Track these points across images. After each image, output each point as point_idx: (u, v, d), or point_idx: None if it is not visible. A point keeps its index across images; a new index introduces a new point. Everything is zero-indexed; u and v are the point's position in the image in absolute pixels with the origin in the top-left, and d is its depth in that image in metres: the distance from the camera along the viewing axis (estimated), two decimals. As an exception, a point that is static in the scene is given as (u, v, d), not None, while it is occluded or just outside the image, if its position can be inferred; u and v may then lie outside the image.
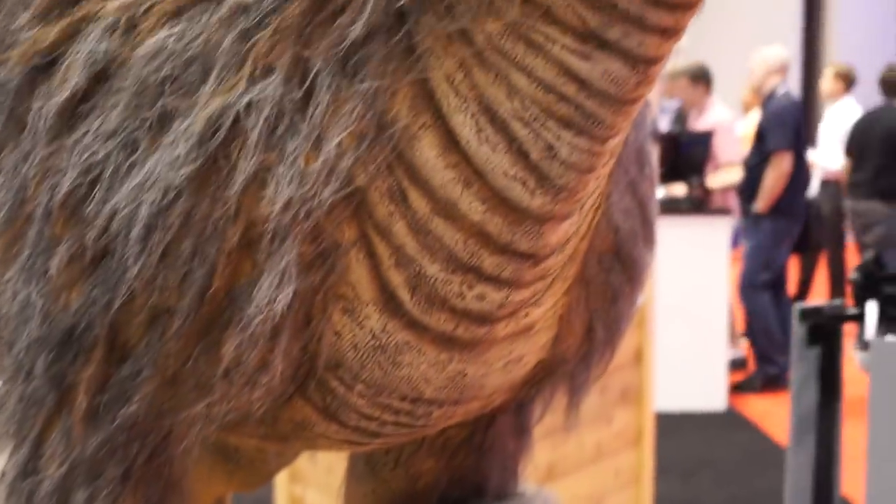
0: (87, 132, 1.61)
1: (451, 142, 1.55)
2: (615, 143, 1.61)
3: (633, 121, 1.77)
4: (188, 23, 1.60)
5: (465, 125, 1.54)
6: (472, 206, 1.58)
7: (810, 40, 14.30)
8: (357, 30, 1.53)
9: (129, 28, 1.63)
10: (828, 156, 11.42)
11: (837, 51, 13.99)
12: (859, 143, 10.15)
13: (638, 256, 1.92)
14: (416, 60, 1.54)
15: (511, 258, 1.63)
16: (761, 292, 9.25)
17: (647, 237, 1.95)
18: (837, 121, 11.54)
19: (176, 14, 1.61)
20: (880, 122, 10.12)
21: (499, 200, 1.58)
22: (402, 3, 1.52)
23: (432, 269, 1.62)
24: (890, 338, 4.72)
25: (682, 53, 11.60)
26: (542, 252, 1.65)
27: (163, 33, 1.60)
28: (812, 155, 10.92)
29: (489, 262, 1.63)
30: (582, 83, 1.51)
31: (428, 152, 1.56)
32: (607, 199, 1.82)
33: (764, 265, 9.24)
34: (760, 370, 9.27)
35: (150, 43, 1.60)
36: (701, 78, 9.91)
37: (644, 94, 1.57)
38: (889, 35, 14.16)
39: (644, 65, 1.52)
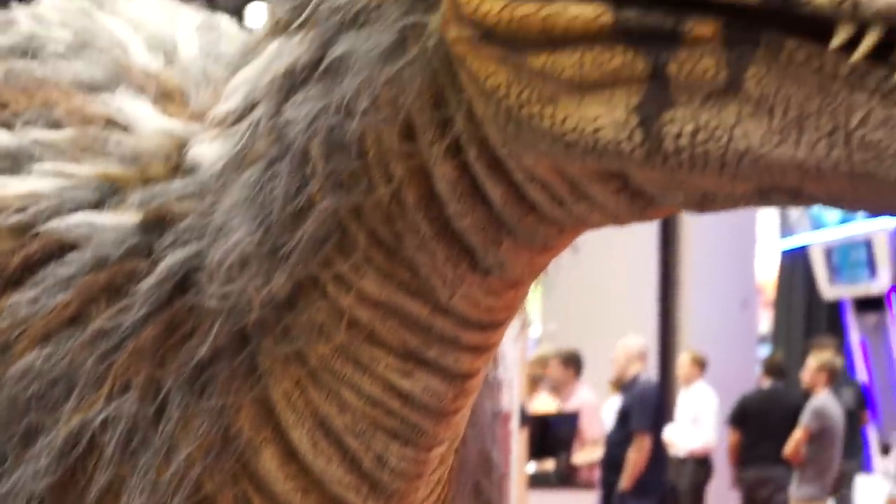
0: None
1: (290, 454, 1.56)
2: (440, 451, 1.62)
3: (479, 428, 1.80)
4: (55, 346, 1.61)
5: (302, 439, 1.55)
6: None
7: (665, 328, 14.60)
8: (203, 352, 1.55)
9: (5, 350, 1.64)
10: (685, 435, 11.43)
11: (689, 337, 14.27)
12: (755, 418, 10.45)
13: None
14: (258, 380, 1.56)
15: None
16: None
17: None
18: (693, 403, 11.61)
19: (45, 338, 1.63)
20: (778, 401, 10.50)
21: None
22: (243, 327, 1.55)
23: None
24: None
25: (551, 339, 11.78)
26: None
27: (32, 355, 1.61)
28: (669, 434, 10.95)
29: None
30: (405, 398, 1.54)
31: (269, 464, 1.57)
32: (452, 503, 1.80)
33: None
34: None
35: (21, 363, 1.61)
36: (572, 362, 10.06)
37: (463, 406, 1.59)
38: (734, 322, 14.52)
39: (460, 379, 1.56)
